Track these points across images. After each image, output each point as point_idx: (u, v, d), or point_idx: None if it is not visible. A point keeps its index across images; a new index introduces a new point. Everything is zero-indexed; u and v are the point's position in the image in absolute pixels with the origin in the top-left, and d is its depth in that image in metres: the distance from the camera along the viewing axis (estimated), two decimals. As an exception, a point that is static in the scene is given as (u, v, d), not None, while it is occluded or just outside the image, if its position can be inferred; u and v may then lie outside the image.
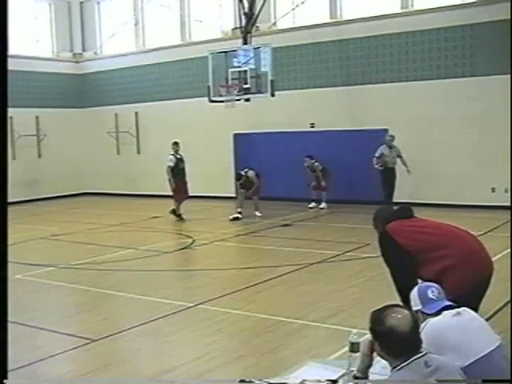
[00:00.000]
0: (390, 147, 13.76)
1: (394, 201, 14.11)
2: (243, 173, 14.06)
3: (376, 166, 13.63)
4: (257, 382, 3.10)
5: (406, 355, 2.68)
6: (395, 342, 2.69)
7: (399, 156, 13.82)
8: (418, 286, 3.49)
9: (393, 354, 2.72)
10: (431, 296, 3.32)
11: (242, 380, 3.14)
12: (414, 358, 2.68)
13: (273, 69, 14.23)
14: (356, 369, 3.01)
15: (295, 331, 5.99)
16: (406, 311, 2.77)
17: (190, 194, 14.48)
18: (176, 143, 14.19)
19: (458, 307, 3.35)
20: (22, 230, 12.23)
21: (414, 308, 3.36)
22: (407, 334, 2.67)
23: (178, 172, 13.97)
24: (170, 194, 14.38)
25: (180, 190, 14.03)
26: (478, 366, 3.07)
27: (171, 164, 13.92)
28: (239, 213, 13.88)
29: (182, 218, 13.92)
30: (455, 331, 3.16)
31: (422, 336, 2.89)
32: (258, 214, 14.00)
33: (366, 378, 2.97)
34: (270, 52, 14.21)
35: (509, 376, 3.01)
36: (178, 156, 14.10)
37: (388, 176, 13.70)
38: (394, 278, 5.03)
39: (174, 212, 14.08)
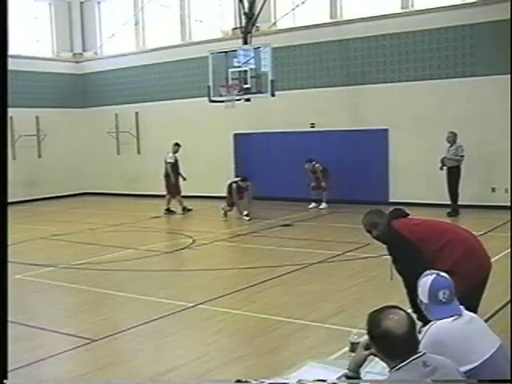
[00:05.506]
0: (450, 146, 13.16)
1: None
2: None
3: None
4: (253, 381, 3.08)
5: (403, 356, 2.67)
6: (391, 343, 2.68)
7: (461, 155, 13.06)
8: (433, 278, 3.28)
9: (390, 355, 2.72)
10: (441, 298, 3.23)
11: (238, 380, 3.12)
12: (413, 358, 2.67)
13: (273, 69, 14.22)
14: (350, 367, 2.99)
15: (295, 331, 5.99)
16: (403, 312, 2.75)
17: (190, 194, 14.71)
18: (177, 144, 15.11)
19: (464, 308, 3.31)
20: (21, 230, 12.23)
21: (420, 297, 3.33)
22: (403, 336, 2.66)
23: (175, 170, 14.86)
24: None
25: (177, 186, 14.84)
26: (480, 370, 3.05)
27: (172, 161, 14.80)
28: (247, 215, 13.77)
29: (171, 211, 14.71)
30: (456, 337, 3.13)
31: (423, 342, 2.87)
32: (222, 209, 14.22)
33: (358, 376, 2.96)
34: (270, 52, 14.19)
35: (509, 376, 3.00)
36: (177, 156, 14.99)
37: (447, 176, 13.19)
38: (403, 276, 5.01)
39: (168, 210, 14.75)
